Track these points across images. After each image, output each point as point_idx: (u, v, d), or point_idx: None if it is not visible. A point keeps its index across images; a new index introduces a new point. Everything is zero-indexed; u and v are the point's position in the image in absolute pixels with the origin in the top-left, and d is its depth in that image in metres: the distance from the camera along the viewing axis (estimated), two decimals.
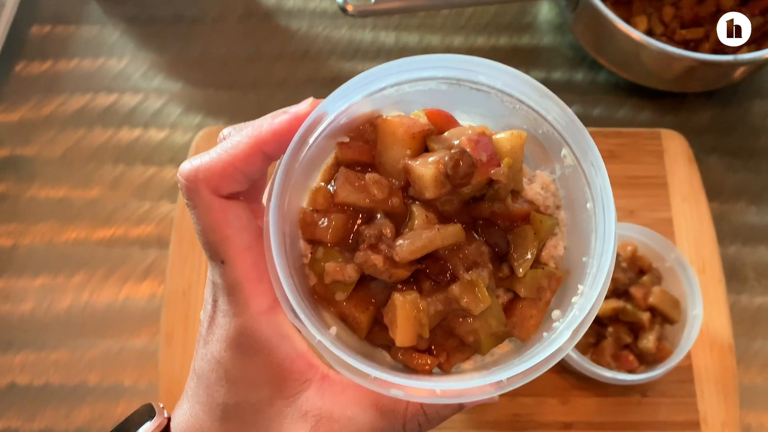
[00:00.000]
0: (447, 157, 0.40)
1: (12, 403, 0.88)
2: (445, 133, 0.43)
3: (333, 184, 0.43)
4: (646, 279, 0.85)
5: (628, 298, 0.84)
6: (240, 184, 0.40)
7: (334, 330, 0.42)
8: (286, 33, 1.13)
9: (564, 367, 0.86)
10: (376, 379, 0.38)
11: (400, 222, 0.42)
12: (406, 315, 0.40)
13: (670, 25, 1.00)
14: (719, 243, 0.94)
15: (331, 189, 0.43)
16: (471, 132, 0.42)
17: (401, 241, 0.40)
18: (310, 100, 0.41)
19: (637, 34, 0.92)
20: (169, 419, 0.46)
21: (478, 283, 0.41)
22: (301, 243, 0.44)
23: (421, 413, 0.43)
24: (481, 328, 0.42)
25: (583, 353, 0.82)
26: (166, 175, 1.01)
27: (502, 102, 0.44)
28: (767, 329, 0.93)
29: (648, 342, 0.81)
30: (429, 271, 0.42)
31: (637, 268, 0.86)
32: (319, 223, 0.42)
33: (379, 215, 0.42)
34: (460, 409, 0.44)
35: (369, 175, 0.42)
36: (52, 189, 1.01)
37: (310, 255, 0.43)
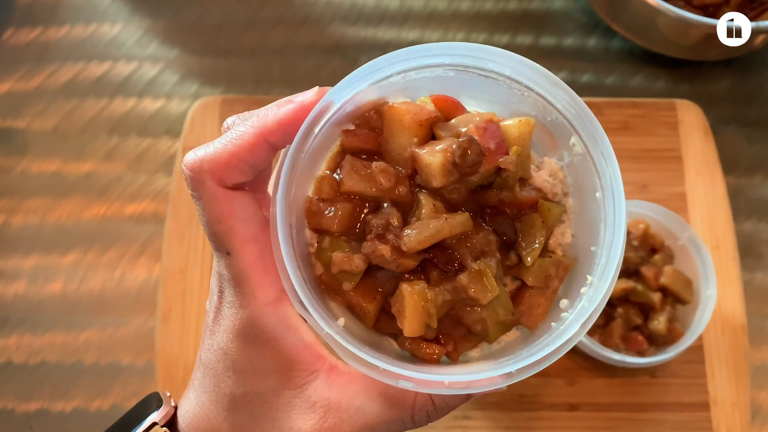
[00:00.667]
0: (455, 146, 0.40)
1: (8, 382, 0.88)
2: (453, 120, 0.43)
3: (339, 172, 0.43)
4: (657, 258, 0.83)
5: (639, 277, 0.82)
6: (245, 175, 0.40)
7: (341, 321, 0.42)
8: None
9: (571, 348, 0.84)
10: (384, 370, 0.39)
11: (407, 211, 0.42)
12: (414, 305, 0.40)
13: None
14: (734, 218, 0.93)
15: (336, 177, 0.43)
16: (479, 119, 0.42)
17: (409, 231, 0.40)
18: (317, 89, 0.41)
19: None
20: (176, 408, 0.46)
21: (486, 273, 0.41)
22: (306, 232, 0.44)
23: (430, 403, 0.43)
24: (489, 317, 0.42)
25: (591, 335, 0.81)
26: (162, 147, 0.99)
27: (510, 88, 0.43)
28: None
29: (659, 323, 0.79)
30: (436, 261, 0.42)
31: (648, 247, 0.84)
32: (326, 212, 0.42)
33: (385, 204, 0.42)
34: (469, 399, 0.44)
35: (376, 164, 0.42)
36: (44, 162, 0.98)
37: (316, 244, 0.43)
